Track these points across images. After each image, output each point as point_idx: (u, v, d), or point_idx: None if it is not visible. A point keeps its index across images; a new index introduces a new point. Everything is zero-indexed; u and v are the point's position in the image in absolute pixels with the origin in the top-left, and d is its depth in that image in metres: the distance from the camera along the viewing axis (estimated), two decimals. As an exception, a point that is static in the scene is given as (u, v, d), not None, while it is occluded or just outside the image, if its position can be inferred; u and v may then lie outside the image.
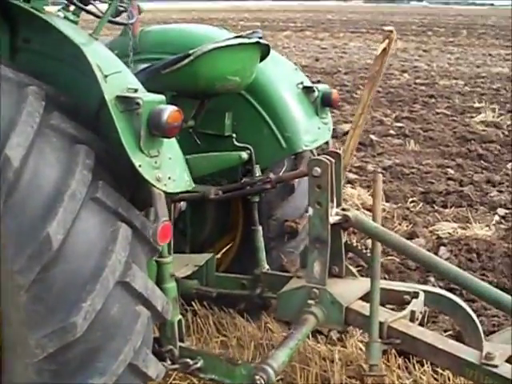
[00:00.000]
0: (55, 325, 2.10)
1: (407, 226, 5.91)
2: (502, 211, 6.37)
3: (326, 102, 4.03)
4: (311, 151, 4.10)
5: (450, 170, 7.82)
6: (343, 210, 3.29)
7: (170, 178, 2.43)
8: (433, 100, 12.29)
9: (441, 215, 6.23)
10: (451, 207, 6.54)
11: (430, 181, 7.49)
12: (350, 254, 3.66)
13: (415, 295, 3.50)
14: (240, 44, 3.29)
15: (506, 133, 9.49)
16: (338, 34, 27.39)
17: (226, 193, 3.52)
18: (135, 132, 2.31)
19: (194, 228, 4.39)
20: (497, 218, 6.19)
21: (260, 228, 3.94)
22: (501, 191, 7.02)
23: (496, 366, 2.84)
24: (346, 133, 9.14)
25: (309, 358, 3.64)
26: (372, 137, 9.37)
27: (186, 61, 3.14)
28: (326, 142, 4.12)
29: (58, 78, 2.57)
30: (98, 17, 3.21)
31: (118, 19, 3.48)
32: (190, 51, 3.16)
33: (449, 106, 11.78)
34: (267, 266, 3.97)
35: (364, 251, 3.66)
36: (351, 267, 3.68)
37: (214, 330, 4.04)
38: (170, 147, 2.49)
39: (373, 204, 3.31)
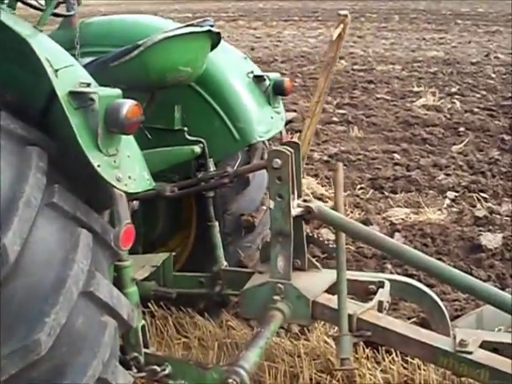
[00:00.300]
0: (17, 343, 1.93)
1: (359, 214, 5.86)
2: (451, 194, 6.37)
3: (277, 91, 3.93)
4: (264, 142, 3.99)
5: (396, 155, 7.82)
6: (305, 201, 3.19)
7: (130, 178, 2.28)
8: (372, 86, 12.31)
9: (392, 201, 6.20)
10: (401, 192, 6.51)
11: (376, 167, 7.46)
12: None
13: (380, 285, 3.43)
14: (192, 33, 3.15)
15: (448, 116, 9.55)
16: (271, 22, 27.28)
17: (182, 189, 3.37)
18: (92, 130, 2.14)
19: (146, 227, 4.21)
20: (447, 201, 6.19)
21: (216, 224, 3.82)
22: (448, 174, 7.03)
23: (471, 353, 2.79)
24: (290, 121, 9.12)
25: (275, 355, 3.53)
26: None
27: (136, 52, 2.98)
28: (280, 132, 4.01)
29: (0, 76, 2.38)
30: (36, 9, 3.02)
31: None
32: (140, 42, 3.00)
33: (388, 91, 11.81)
34: (225, 263, 3.86)
35: (326, 242, 3.57)
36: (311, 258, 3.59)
37: (174, 332, 3.90)
38: (128, 144, 2.34)
39: (335, 194, 3.22)
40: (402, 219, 5.66)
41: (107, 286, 2.23)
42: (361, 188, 6.84)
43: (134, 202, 3.64)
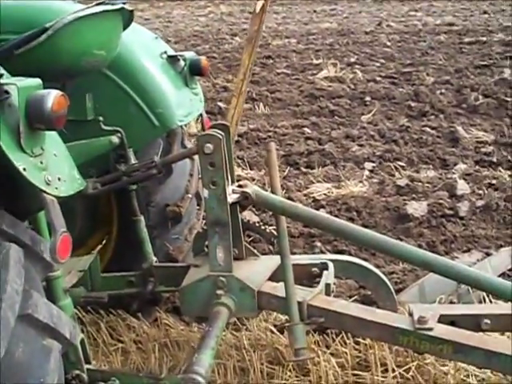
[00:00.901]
0: None
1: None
2: (369, 165, 6.31)
3: (194, 71, 3.70)
4: (182, 127, 3.76)
5: (307, 130, 7.71)
6: (240, 186, 2.98)
7: (60, 180, 2.00)
8: (271, 61, 12.17)
9: (311, 177, 6.07)
10: (318, 167, 6.39)
11: (288, 143, 7.33)
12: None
13: (324, 266, 3.28)
14: (104, 11, 2.85)
15: (352, 86, 9.53)
16: (158, 3, 26.75)
17: (105, 185, 3.08)
18: (12, 128, 1.85)
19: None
20: (366, 172, 6.12)
21: (142, 218, 3.55)
22: (361, 145, 6.98)
23: (431, 329, 2.67)
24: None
25: (220, 351, 3.32)
26: (220, 104, 9.08)
27: (44, 36, 2.66)
28: (200, 115, 3.78)
29: None
30: None
31: None
32: (47, 25, 2.68)
33: (288, 65, 11.71)
34: (155, 258, 3.60)
35: (262, 227, 3.39)
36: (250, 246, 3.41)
37: (108, 338, 3.62)
38: (53, 141, 2.06)
39: (270, 176, 3.02)
40: (325, 194, 5.53)
41: (45, 305, 1.95)
42: (275, 166, 6.65)
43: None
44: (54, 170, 1.98)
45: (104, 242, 4.11)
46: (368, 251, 4.45)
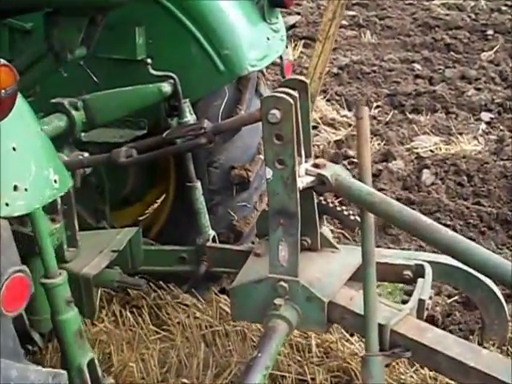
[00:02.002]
0: None
1: (379, 145, 4.88)
2: (486, 116, 5.38)
3: (275, 1, 2.93)
4: (260, 72, 3.03)
5: (417, 66, 6.78)
6: (316, 166, 2.24)
7: (17, 189, 1.34)
8: (384, -19, 11.02)
9: (417, 126, 5.21)
10: (426, 114, 5.51)
11: (395, 80, 6.44)
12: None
13: (419, 270, 2.53)
14: None
15: (473, 16, 8.39)
16: None
17: (143, 153, 2.40)
18: None
19: (112, 181, 3.30)
20: (483, 126, 5.19)
21: (198, 184, 2.89)
22: (479, 89, 6.01)
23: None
24: (292, 26, 8.03)
25: (279, 361, 2.67)
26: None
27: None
28: (280, 57, 3.02)
29: None
30: None
31: None
32: None
33: (402, -13, 10.55)
34: (212, 232, 2.98)
35: (345, 213, 2.65)
36: (328, 233, 2.70)
37: (151, 322, 3.06)
38: (12, 128, 1.38)
39: (359, 154, 2.25)
40: (431, 151, 4.68)
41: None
42: (377, 106, 5.85)
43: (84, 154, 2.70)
44: (6, 174, 1.32)
45: (161, 200, 3.50)
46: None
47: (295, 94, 2.12)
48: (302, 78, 2.25)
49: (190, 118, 2.72)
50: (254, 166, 3.09)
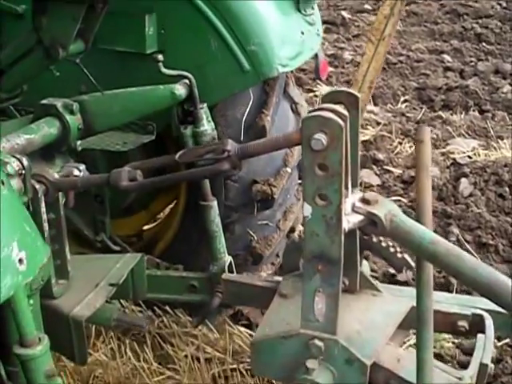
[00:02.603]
0: None
1: (411, 147, 4.41)
2: (527, 116, 4.91)
3: (311, -10, 2.49)
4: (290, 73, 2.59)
5: (447, 57, 6.31)
6: (365, 202, 1.79)
7: None
8: (409, -36, 10.49)
9: (451, 127, 4.74)
10: (460, 112, 5.04)
11: (423, 72, 5.98)
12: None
13: (478, 323, 2.09)
14: None
15: (504, 4, 7.87)
16: None
17: (149, 176, 1.94)
18: None
19: (113, 190, 2.87)
20: (524, 128, 4.74)
21: (214, 203, 2.45)
22: (515, 85, 5.54)
23: None
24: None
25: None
26: (343, 13, 7.73)
27: None
28: (315, 55, 2.57)
29: None
30: None
31: None
32: None
33: (428, -30, 10.02)
34: (228, 258, 2.54)
35: (391, 249, 2.21)
36: (367, 271, 2.27)
37: (155, 358, 2.64)
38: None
39: (417, 188, 1.80)
40: (469, 157, 4.21)
41: None
42: (405, 101, 5.39)
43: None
44: None
45: (169, 209, 3.08)
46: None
47: (345, 112, 1.66)
48: (353, 91, 1.78)
49: (207, 126, 2.28)
50: (279, 181, 2.65)
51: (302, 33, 2.47)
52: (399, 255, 2.16)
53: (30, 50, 2.00)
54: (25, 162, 1.77)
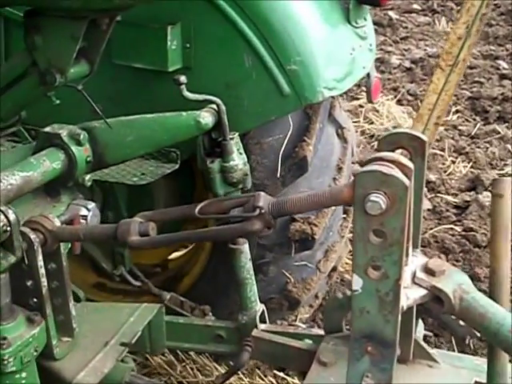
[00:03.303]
0: None
1: (465, 167, 3.99)
2: None
3: (365, -3, 2.15)
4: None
5: (502, 63, 5.85)
6: (430, 272, 1.43)
7: None
8: (459, -40, 10.00)
9: (508, 142, 4.31)
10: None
11: (476, 80, 5.54)
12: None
13: None
14: None
15: None
16: None
17: (164, 230, 1.60)
18: None
19: (134, 212, 2.56)
20: None
21: (245, 247, 2.10)
22: None
23: None
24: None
25: None
26: (391, 14, 7.29)
27: None
28: (367, 75, 2.22)
29: None
30: None
31: None
32: None
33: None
34: (260, 307, 2.20)
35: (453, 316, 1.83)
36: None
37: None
38: None
39: (492, 254, 1.44)
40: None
41: None
42: (457, 111, 4.97)
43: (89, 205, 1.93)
44: None
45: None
46: None
47: (410, 165, 1.30)
48: (418, 133, 1.42)
49: (237, 160, 1.94)
50: (321, 219, 2.31)
51: (353, 49, 2.11)
52: (462, 322, 1.80)
53: (24, 72, 1.68)
54: (11, 215, 1.45)
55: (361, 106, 4.77)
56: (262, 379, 2.54)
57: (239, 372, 2.40)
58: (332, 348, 1.91)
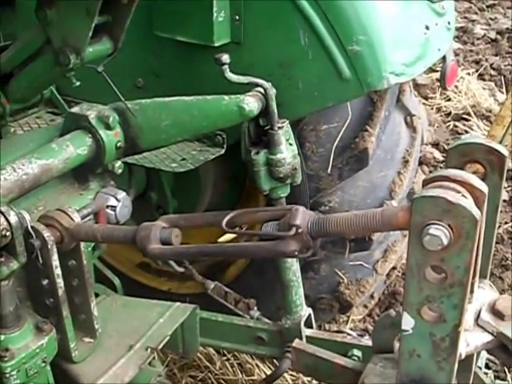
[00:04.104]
0: None
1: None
2: None
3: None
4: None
5: None
6: (497, 314, 1.19)
7: None
8: None
9: None
10: None
11: None
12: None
13: None
14: None
15: None
16: None
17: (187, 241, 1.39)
18: None
19: (179, 198, 2.38)
20: None
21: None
22: None
23: None
24: None
25: None
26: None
27: None
28: (442, 58, 1.95)
29: None
30: None
31: None
32: None
33: None
34: (307, 311, 2.00)
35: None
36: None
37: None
38: None
39: None
40: None
41: None
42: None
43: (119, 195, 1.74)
44: None
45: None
46: None
47: (484, 188, 1.05)
48: (495, 144, 1.15)
49: (286, 152, 1.71)
50: (380, 216, 2.05)
51: (427, 27, 1.84)
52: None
53: (38, 50, 1.48)
54: (12, 217, 1.27)
55: (438, 80, 4.42)
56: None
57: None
58: (379, 370, 1.69)
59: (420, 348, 1.17)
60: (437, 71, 4.69)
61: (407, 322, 1.16)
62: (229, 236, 2.77)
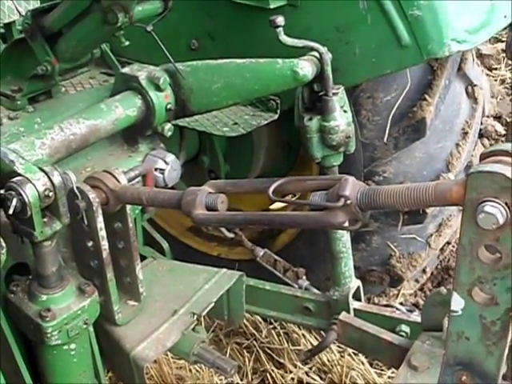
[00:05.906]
0: None
1: None
2: None
3: None
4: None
5: None
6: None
7: None
8: None
9: None
10: None
11: None
12: None
13: None
14: None
15: None
16: None
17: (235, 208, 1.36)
18: None
19: (232, 163, 2.35)
20: None
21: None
22: None
23: None
24: None
25: None
26: None
27: None
28: (509, 26, 1.86)
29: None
30: None
31: None
32: None
33: None
34: (356, 283, 1.96)
35: None
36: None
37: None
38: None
39: None
40: None
41: None
42: None
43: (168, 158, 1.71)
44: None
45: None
46: None
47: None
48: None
49: (340, 119, 1.65)
50: (436, 188, 1.98)
51: (493, -6, 1.74)
52: None
53: (87, 9, 1.45)
54: (56, 178, 1.25)
55: (503, 51, 4.25)
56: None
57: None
58: (427, 349, 1.65)
59: (469, 330, 1.12)
60: (502, 41, 4.53)
61: (457, 303, 1.10)
62: (280, 204, 2.75)
